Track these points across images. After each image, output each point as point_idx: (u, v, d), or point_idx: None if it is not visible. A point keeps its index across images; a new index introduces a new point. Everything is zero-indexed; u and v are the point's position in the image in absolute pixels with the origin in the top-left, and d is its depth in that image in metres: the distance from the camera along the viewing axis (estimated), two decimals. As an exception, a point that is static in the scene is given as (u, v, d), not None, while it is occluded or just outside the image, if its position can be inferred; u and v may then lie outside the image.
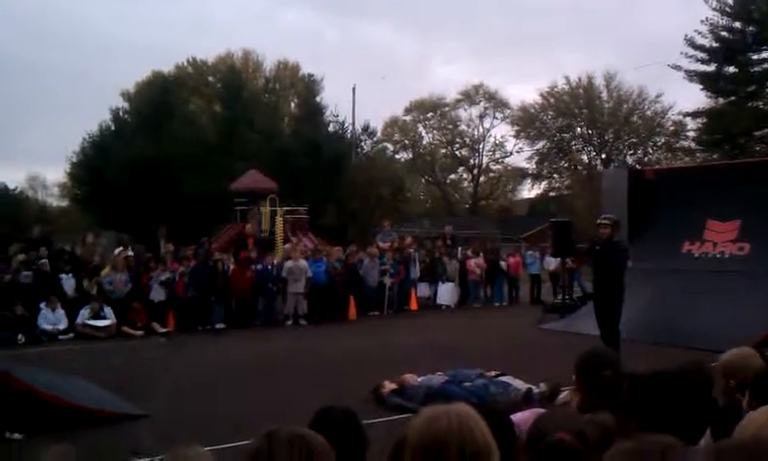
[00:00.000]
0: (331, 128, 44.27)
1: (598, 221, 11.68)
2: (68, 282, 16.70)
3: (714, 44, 39.53)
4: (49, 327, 15.50)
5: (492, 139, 60.18)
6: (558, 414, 2.50)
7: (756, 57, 39.38)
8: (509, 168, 60.17)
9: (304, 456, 1.89)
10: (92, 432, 7.82)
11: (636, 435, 2.00)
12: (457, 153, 61.30)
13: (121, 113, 45.45)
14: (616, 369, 3.50)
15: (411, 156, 59.71)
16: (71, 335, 15.65)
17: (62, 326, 15.74)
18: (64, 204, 57.06)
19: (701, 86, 40.92)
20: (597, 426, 2.59)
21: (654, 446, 1.73)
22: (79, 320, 15.90)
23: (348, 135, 45.41)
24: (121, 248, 19.12)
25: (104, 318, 16.04)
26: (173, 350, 14.34)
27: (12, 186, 53.46)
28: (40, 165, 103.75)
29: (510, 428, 2.77)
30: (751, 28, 38.39)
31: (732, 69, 39.90)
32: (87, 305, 16.11)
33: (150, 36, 79.77)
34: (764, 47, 38.72)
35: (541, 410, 3.26)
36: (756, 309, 12.73)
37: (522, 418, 3.04)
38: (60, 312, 15.82)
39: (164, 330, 16.37)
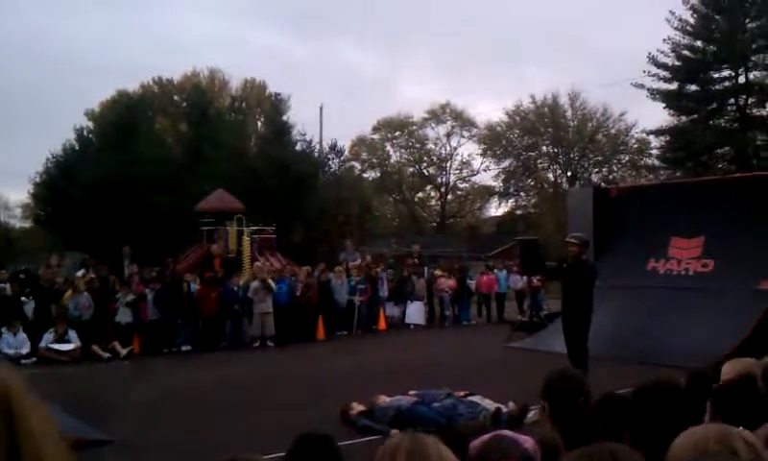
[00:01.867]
0: (299, 147, 44.11)
1: (567, 239, 11.74)
2: (28, 306, 16.41)
3: (676, 63, 40.17)
4: (11, 352, 15.21)
5: (459, 158, 60.52)
6: (506, 441, 2.46)
7: (716, 75, 40.08)
8: (476, 186, 60.49)
9: None
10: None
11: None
12: (424, 171, 61.50)
13: (85, 133, 44.90)
14: (583, 391, 3.50)
15: (378, 174, 59.77)
16: (34, 359, 15.38)
17: (25, 350, 15.46)
18: (27, 224, 56.27)
19: (664, 105, 41.53)
20: (542, 443, 2.58)
21: (603, 450, 1.70)
22: (42, 343, 15.63)
23: (316, 154, 45.35)
24: (83, 270, 18.86)
25: (68, 342, 15.79)
26: (139, 373, 14.14)
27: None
28: (2, 186, 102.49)
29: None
30: (711, 47, 39.09)
31: (693, 87, 40.56)
32: (51, 329, 15.84)
33: (115, 55, 79.11)
34: (725, 66, 39.42)
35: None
36: (721, 326, 12.86)
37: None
38: (22, 336, 15.54)
39: (126, 351, 16.13)
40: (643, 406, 3.04)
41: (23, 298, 16.44)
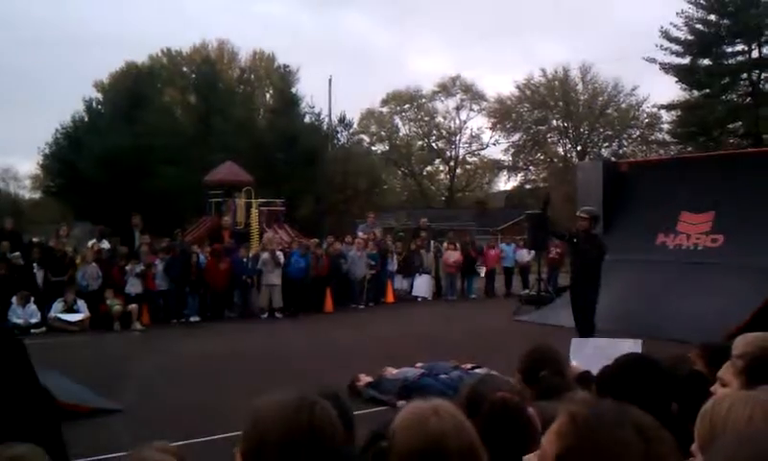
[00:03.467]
0: (307, 119, 44.03)
1: (578, 213, 11.71)
2: (38, 275, 16.46)
3: (689, 37, 39.84)
4: (20, 321, 15.29)
5: (468, 131, 60.33)
6: (495, 378, 2.48)
7: (730, 50, 39.77)
8: (485, 160, 60.35)
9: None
10: (64, 426, 7.71)
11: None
12: (433, 145, 61.35)
13: (94, 104, 44.95)
14: (558, 368, 3.50)
15: (387, 147, 59.65)
16: (43, 329, 15.45)
17: (35, 319, 15.53)
18: (37, 195, 56.44)
19: (676, 79, 41.24)
20: (541, 415, 2.57)
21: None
22: (51, 313, 15.69)
23: (325, 127, 45.23)
24: (95, 240, 18.91)
25: (77, 311, 15.85)
26: (147, 343, 14.20)
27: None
28: (12, 157, 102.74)
29: None
30: (725, 21, 38.71)
31: (706, 62, 40.23)
32: (60, 299, 15.90)
33: (123, 27, 79.01)
34: (738, 40, 39.08)
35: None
36: (730, 301, 12.84)
37: None
38: (32, 307, 15.59)
39: (141, 327, 16.14)
40: (622, 379, 3.04)
41: (34, 265, 16.48)
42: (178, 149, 38.26)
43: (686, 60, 40.45)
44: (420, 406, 1.98)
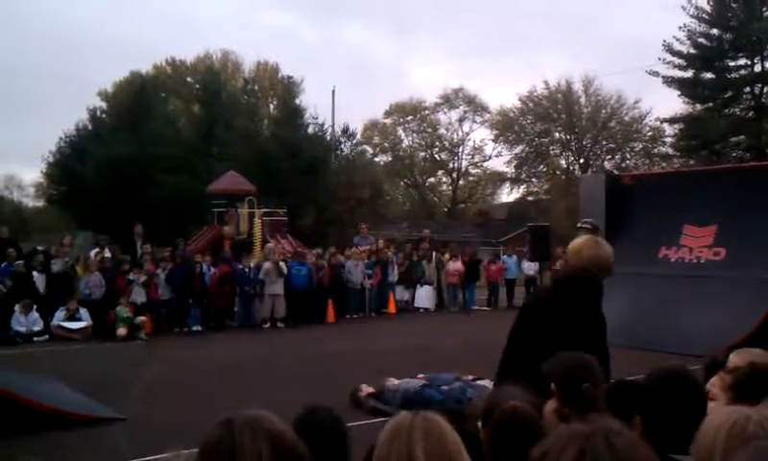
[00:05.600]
0: (311, 130, 44.07)
1: (578, 225, 11.67)
2: (39, 280, 16.46)
3: (692, 51, 39.86)
4: (23, 329, 15.31)
5: (471, 143, 60.28)
6: (510, 388, 2.53)
7: (732, 63, 39.76)
8: (488, 172, 60.26)
9: (267, 441, 1.73)
10: (66, 435, 7.74)
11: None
12: (436, 156, 61.29)
13: (98, 113, 45.12)
14: (596, 379, 3.50)
15: (390, 158, 59.64)
16: (46, 337, 15.47)
17: (37, 328, 15.54)
18: (40, 203, 56.52)
19: (678, 92, 41.22)
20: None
21: (597, 431, 1.56)
22: (54, 321, 15.71)
23: (328, 138, 45.28)
24: (97, 249, 18.93)
25: (79, 320, 15.86)
26: (150, 352, 14.21)
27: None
28: (16, 165, 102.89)
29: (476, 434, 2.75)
30: (728, 35, 38.73)
31: (709, 76, 40.23)
32: (63, 307, 15.92)
33: (128, 36, 79.21)
34: (741, 54, 39.09)
35: None
36: (732, 314, 12.83)
37: None
38: (35, 315, 15.59)
39: (143, 335, 16.14)
40: (659, 394, 3.02)
41: (34, 272, 16.46)
42: (181, 158, 38.36)
43: (689, 74, 40.44)
44: (401, 416, 2.04)
